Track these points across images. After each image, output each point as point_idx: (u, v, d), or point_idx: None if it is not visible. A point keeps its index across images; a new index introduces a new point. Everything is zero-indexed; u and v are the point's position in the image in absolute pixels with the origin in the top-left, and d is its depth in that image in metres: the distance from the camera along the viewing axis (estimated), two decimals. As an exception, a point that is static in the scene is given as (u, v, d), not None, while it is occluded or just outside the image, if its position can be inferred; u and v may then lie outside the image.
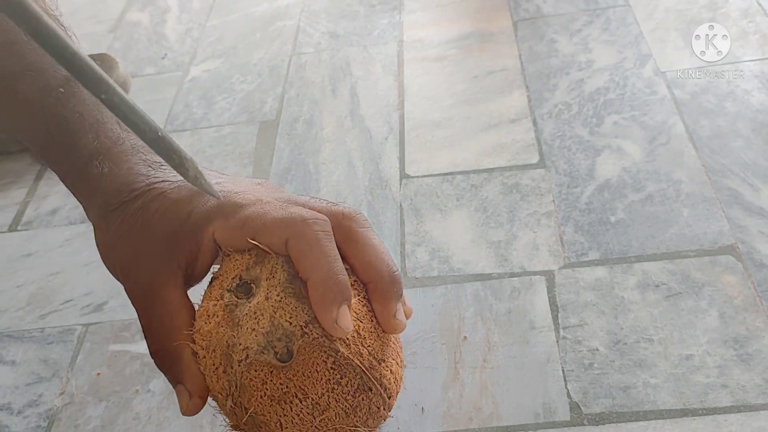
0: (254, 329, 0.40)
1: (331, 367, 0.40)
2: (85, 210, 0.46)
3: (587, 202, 0.69)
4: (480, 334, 0.60)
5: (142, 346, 0.64)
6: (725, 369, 0.54)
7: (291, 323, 0.40)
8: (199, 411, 0.42)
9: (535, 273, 0.64)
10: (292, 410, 0.40)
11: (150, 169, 0.44)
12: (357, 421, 0.42)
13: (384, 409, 0.45)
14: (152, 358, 0.42)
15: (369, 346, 0.42)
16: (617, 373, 0.55)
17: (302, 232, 0.40)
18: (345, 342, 0.41)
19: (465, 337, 0.60)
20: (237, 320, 0.40)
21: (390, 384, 0.44)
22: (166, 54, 1.05)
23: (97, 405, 0.60)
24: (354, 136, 0.83)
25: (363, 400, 0.42)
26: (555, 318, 0.60)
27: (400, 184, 0.76)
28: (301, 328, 0.40)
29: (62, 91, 0.43)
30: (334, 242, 0.41)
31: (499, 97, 0.84)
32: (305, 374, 0.40)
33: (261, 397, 0.40)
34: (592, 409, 0.53)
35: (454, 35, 0.96)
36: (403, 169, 0.78)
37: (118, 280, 0.44)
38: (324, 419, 0.41)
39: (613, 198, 0.69)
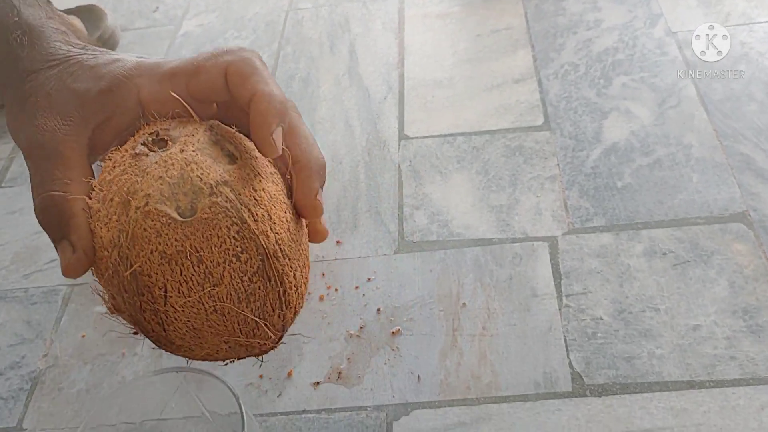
0: (161, 177, 0.38)
1: (234, 237, 0.38)
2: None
3: (593, 166, 0.67)
4: (479, 301, 0.58)
5: (129, 308, 0.62)
6: (734, 340, 0.52)
7: (201, 179, 0.38)
8: (82, 272, 0.40)
9: (537, 239, 0.62)
10: (181, 273, 0.37)
11: (71, 47, 0.43)
12: (248, 311, 0.40)
13: (278, 314, 0.41)
14: (37, 214, 0.40)
15: (278, 233, 0.40)
16: (621, 343, 0.53)
17: (243, 57, 0.40)
18: (254, 216, 0.38)
19: (464, 304, 0.58)
20: (144, 167, 0.38)
21: (291, 289, 0.41)
22: (157, 7, 1.01)
23: (82, 368, 0.58)
24: (352, 95, 0.80)
25: (259, 289, 0.39)
26: (558, 285, 0.58)
27: (399, 145, 0.73)
28: (211, 187, 0.38)
29: None
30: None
31: (503, 57, 0.81)
32: (205, 236, 0.37)
33: (151, 252, 0.37)
34: (594, 380, 0.51)
35: (457, -8, 0.92)
36: (402, 129, 0.75)
37: (20, 147, 0.42)
38: (213, 294, 0.38)
39: (620, 162, 0.67)
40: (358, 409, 0.52)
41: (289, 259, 0.41)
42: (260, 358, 0.44)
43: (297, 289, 0.42)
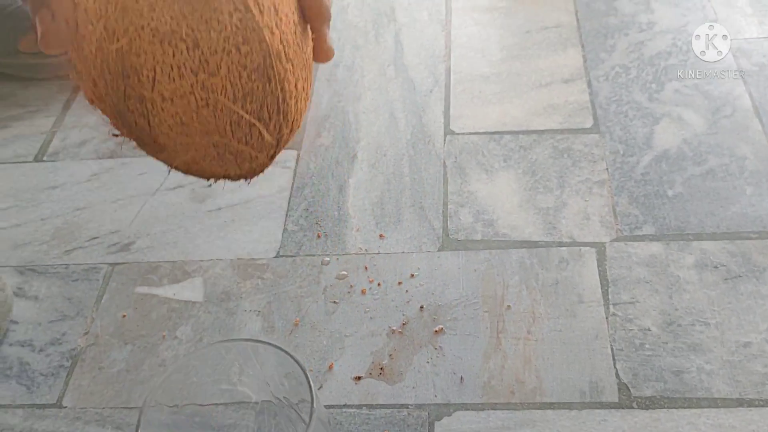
0: None
1: (236, 25, 0.34)
2: None
3: (643, 172, 0.66)
4: (525, 304, 0.57)
5: (170, 291, 0.62)
6: (786, 360, 0.51)
7: None
8: (60, 45, 0.36)
9: (585, 244, 0.61)
10: (174, 56, 0.34)
11: None
12: (243, 111, 0.36)
13: (275, 122, 0.38)
14: None
15: (283, 32, 0.36)
16: (670, 355, 0.53)
17: None
18: (259, 7, 0.35)
19: (508, 306, 0.57)
20: None
21: (290, 99, 0.38)
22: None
23: (122, 348, 0.58)
24: (397, 86, 0.79)
25: (258, 89, 0.36)
26: (605, 293, 0.57)
27: (445, 140, 0.72)
28: None
29: None
30: None
31: (552, 55, 0.80)
32: (204, 18, 0.34)
33: (142, 27, 0.34)
34: (642, 392, 0.51)
35: (506, -14, 0.91)
36: (447, 124, 0.74)
37: None
38: (207, 84, 0.35)
39: (671, 170, 0.65)
40: (400, 407, 0.52)
41: (292, 65, 0.37)
42: (247, 180, 0.41)
43: (297, 101, 0.39)
